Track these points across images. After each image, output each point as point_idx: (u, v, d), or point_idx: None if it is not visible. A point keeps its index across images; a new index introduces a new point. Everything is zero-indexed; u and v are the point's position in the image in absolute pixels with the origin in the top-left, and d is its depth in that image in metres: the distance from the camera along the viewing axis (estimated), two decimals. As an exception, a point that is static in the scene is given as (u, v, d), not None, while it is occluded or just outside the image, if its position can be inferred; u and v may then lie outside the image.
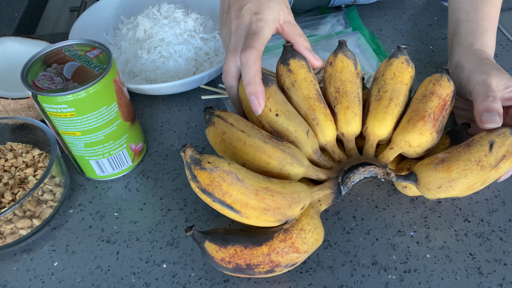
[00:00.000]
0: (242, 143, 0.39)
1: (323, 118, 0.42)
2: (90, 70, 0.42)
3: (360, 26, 0.66)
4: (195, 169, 0.35)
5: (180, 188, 0.48)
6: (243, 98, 0.44)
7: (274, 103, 0.42)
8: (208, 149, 0.51)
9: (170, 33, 0.58)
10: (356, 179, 0.39)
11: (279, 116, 0.41)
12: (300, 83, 0.44)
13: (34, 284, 0.40)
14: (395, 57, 0.46)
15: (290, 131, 0.41)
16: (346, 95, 0.44)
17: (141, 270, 0.41)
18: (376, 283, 0.39)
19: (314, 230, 0.37)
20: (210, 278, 0.40)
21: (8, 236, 0.42)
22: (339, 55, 0.46)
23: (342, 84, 0.44)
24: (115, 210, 0.46)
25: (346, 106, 0.43)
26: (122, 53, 0.59)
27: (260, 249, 0.36)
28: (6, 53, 0.56)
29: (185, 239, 0.43)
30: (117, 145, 0.46)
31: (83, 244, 0.43)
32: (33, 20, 0.87)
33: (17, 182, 0.46)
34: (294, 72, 0.44)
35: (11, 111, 0.50)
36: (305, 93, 0.43)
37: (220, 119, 0.42)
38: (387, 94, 0.44)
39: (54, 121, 0.42)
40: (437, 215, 0.44)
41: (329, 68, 0.46)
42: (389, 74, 0.45)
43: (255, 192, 0.35)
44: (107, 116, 0.43)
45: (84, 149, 0.44)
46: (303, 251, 0.37)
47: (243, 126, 0.41)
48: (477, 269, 0.40)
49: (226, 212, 0.36)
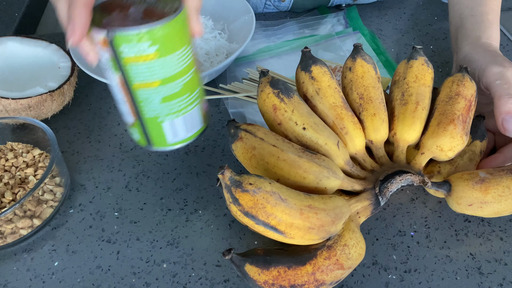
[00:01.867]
0: (275, 159, 0.38)
1: (352, 126, 0.41)
2: (160, 10, 0.35)
3: (360, 26, 0.66)
4: (236, 191, 0.33)
5: (181, 188, 0.48)
6: (264, 111, 0.42)
7: (300, 116, 0.40)
8: (208, 149, 0.51)
9: None
10: (394, 188, 0.38)
11: (306, 130, 0.40)
12: (325, 90, 0.42)
13: (34, 284, 0.40)
14: (414, 58, 0.45)
15: (320, 144, 0.40)
16: (371, 101, 0.43)
17: (142, 270, 0.41)
18: (376, 283, 0.39)
19: (357, 244, 0.36)
20: (211, 278, 0.40)
21: (9, 236, 0.42)
22: (358, 59, 0.45)
23: (366, 90, 0.43)
24: (116, 210, 0.46)
25: (373, 113, 0.42)
26: None
27: (304, 268, 0.35)
28: (6, 53, 0.56)
29: (185, 239, 0.43)
30: (192, 99, 0.39)
31: (83, 244, 0.43)
32: (34, 20, 0.87)
33: (18, 182, 0.46)
34: (317, 79, 0.43)
35: (12, 111, 0.50)
36: (331, 101, 0.42)
37: (248, 134, 0.40)
38: (412, 98, 0.43)
39: (130, 70, 0.35)
40: (438, 215, 0.44)
41: (349, 73, 0.45)
42: (411, 76, 0.44)
43: (300, 212, 0.34)
44: (186, 59, 0.37)
45: (159, 106, 0.38)
46: (347, 267, 0.36)
47: (273, 140, 0.39)
48: (477, 269, 0.40)
49: (269, 234, 0.34)
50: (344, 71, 0.46)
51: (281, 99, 0.41)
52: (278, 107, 0.41)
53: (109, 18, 0.34)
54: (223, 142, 0.52)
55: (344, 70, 0.46)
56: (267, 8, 0.71)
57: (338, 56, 0.61)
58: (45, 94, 0.51)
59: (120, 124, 0.55)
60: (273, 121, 0.41)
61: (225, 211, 0.45)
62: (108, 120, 0.55)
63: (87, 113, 0.57)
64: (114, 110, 0.57)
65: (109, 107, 0.57)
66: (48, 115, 0.53)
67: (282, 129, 0.41)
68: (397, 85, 0.45)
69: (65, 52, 0.57)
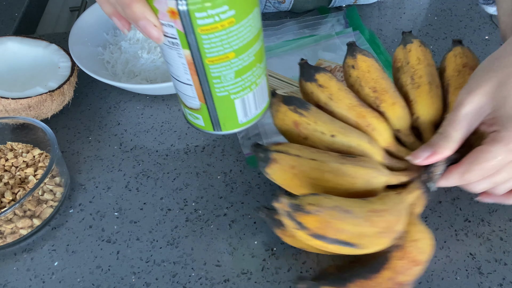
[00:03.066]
0: (319, 172, 0.37)
1: (376, 121, 0.41)
2: None
3: (360, 26, 0.66)
4: (299, 216, 0.32)
5: (180, 188, 0.48)
6: (285, 130, 0.41)
7: (324, 125, 0.40)
8: (208, 149, 0.51)
9: None
10: (440, 170, 0.38)
11: (335, 137, 0.39)
12: (338, 94, 0.42)
13: (34, 283, 0.40)
14: (409, 42, 0.45)
15: (354, 146, 0.39)
16: (386, 91, 0.43)
17: (141, 270, 0.41)
18: (376, 283, 0.39)
19: (425, 236, 0.36)
20: (210, 278, 0.40)
21: (9, 235, 0.42)
22: (358, 55, 0.44)
23: (377, 83, 0.43)
24: (116, 210, 0.46)
25: (392, 102, 0.42)
26: (122, 53, 0.59)
27: (381, 275, 0.33)
28: (6, 53, 0.56)
29: (185, 239, 0.43)
30: (261, 70, 0.36)
31: (83, 243, 0.43)
32: (33, 20, 0.87)
33: (18, 182, 0.46)
34: (325, 86, 0.42)
35: (12, 111, 0.50)
36: (347, 103, 0.42)
37: (282, 154, 0.38)
38: (423, 79, 0.43)
39: (203, 43, 0.31)
40: (437, 215, 0.44)
41: (353, 71, 0.44)
42: (414, 60, 0.44)
43: (366, 219, 0.33)
44: (255, 24, 0.33)
45: (233, 82, 0.34)
46: (423, 262, 0.35)
47: (310, 154, 0.38)
48: (477, 269, 0.40)
49: (342, 251, 0.33)
50: (347, 70, 0.45)
51: (300, 114, 0.40)
52: (299, 122, 0.40)
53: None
54: (223, 142, 0.52)
55: (346, 69, 0.45)
56: (267, 8, 0.71)
57: (338, 56, 0.61)
58: (45, 94, 0.51)
59: (120, 124, 0.55)
60: (297, 136, 0.40)
61: (225, 211, 0.45)
62: (108, 120, 0.55)
63: (87, 113, 0.57)
64: (114, 110, 0.57)
65: (109, 107, 0.57)
66: (48, 115, 0.53)
67: (310, 142, 0.40)
68: (402, 71, 0.45)
69: (65, 52, 0.57)
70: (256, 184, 0.47)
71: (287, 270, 0.40)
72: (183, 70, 0.33)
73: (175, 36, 0.30)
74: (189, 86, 0.34)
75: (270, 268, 0.41)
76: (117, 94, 0.59)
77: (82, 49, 0.58)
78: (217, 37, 0.30)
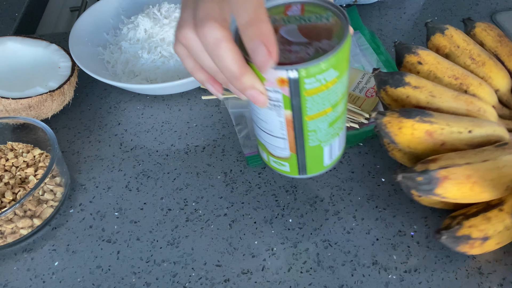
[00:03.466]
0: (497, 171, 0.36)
1: (482, 103, 0.41)
2: (314, 24, 0.32)
3: (360, 26, 0.66)
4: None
5: (181, 188, 0.48)
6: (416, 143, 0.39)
7: (455, 123, 0.39)
8: (208, 149, 0.51)
9: (171, 33, 0.58)
10: None
11: (473, 131, 0.39)
12: (436, 89, 0.41)
13: (34, 283, 0.40)
14: (445, 29, 0.47)
15: (491, 134, 0.39)
16: (466, 75, 0.44)
17: (142, 270, 0.41)
18: (377, 283, 0.39)
19: None
20: (211, 278, 0.40)
21: (9, 235, 0.42)
22: (419, 51, 0.44)
23: (453, 70, 0.44)
24: (116, 210, 0.46)
25: (478, 83, 0.43)
26: (122, 53, 0.59)
27: None
28: (6, 53, 0.56)
29: (185, 239, 0.43)
30: (345, 116, 0.37)
31: (83, 243, 0.43)
32: (33, 20, 0.87)
33: (18, 182, 0.46)
34: (420, 85, 0.41)
35: (12, 111, 0.50)
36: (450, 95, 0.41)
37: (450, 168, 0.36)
38: (483, 57, 0.45)
39: (306, 104, 0.31)
40: (437, 215, 0.44)
41: (422, 66, 0.44)
42: (461, 42, 0.46)
43: None
44: (348, 77, 0.34)
45: (326, 131, 0.35)
46: None
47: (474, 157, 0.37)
48: (477, 269, 0.40)
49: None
50: (412, 68, 0.45)
51: (429, 122, 0.38)
52: (432, 130, 0.38)
53: None
54: (223, 142, 0.52)
55: (410, 67, 0.45)
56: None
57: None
58: (45, 94, 0.51)
59: (120, 124, 0.55)
60: (433, 145, 0.39)
61: (225, 211, 0.45)
62: (108, 120, 0.55)
63: (87, 113, 0.57)
64: (114, 110, 0.57)
65: (109, 107, 0.57)
66: (48, 115, 0.53)
67: (449, 147, 0.39)
68: (455, 55, 0.46)
69: (65, 52, 0.57)
70: (256, 184, 0.47)
71: (287, 270, 0.40)
72: (279, 127, 0.34)
73: (279, 100, 0.31)
74: (282, 139, 0.35)
75: (270, 268, 0.41)
76: (117, 94, 0.59)
77: (82, 49, 0.58)
78: (320, 97, 0.31)
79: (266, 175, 0.48)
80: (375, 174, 0.48)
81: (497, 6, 0.69)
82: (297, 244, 0.42)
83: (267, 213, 0.45)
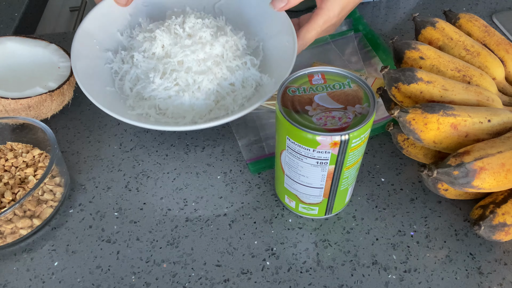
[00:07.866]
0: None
1: (490, 93, 0.42)
2: (341, 91, 0.37)
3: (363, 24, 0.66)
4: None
5: (180, 187, 0.48)
6: (442, 138, 0.40)
7: (475, 114, 0.39)
8: (208, 149, 0.51)
9: (192, 58, 0.48)
10: None
11: (492, 120, 0.39)
12: (448, 82, 0.41)
13: (34, 284, 0.40)
14: (436, 22, 0.48)
15: (506, 121, 0.40)
16: (467, 66, 0.44)
17: (141, 270, 0.41)
18: (376, 282, 0.39)
19: None
20: (210, 278, 0.40)
21: (8, 235, 0.42)
22: (419, 46, 0.45)
23: (454, 63, 0.44)
24: (115, 210, 0.46)
25: (479, 74, 0.44)
26: (133, 67, 0.50)
27: None
28: (6, 53, 0.56)
29: (185, 239, 0.43)
30: None
31: (83, 244, 0.43)
32: (33, 20, 0.87)
33: (17, 182, 0.46)
34: (432, 80, 0.41)
35: (11, 111, 0.50)
36: (461, 87, 0.42)
37: (484, 158, 0.37)
38: (476, 47, 0.46)
39: (348, 158, 0.36)
40: (437, 215, 0.44)
41: (425, 61, 0.44)
42: (453, 34, 0.47)
43: None
44: None
45: (354, 176, 0.40)
46: None
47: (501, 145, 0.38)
48: (477, 269, 0.40)
49: None
50: (414, 63, 0.45)
51: (452, 115, 0.39)
52: (457, 122, 0.39)
53: (316, 117, 0.35)
54: (223, 142, 0.52)
55: (412, 63, 0.45)
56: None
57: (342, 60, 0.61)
58: (44, 94, 0.51)
59: (120, 124, 0.55)
60: (458, 138, 0.39)
61: (225, 211, 0.45)
62: (108, 120, 0.55)
63: (87, 113, 0.57)
64: (114, 110, 0.57)
65: (109, 107, 0.57)
66: (48, 115, 0.53)
67: (472, 138, 0.39)
68: (449, 47, 0.47)
69: (64, 52, 0.57)
70: (256, 184, 0.47)
71: (287, 270, 0.40)
72: (320, 179, 0.38)
73: (328, 158, 0.36)
74: (319, 189, 0.39)
75: (270, 268, 0.41)
76: (117, 94, 0.59)
77: (86, 62, 0.50)
78: (358, 150, 0.37)
79: (266, 175, 0.48)
80: (375, 174, 0.48)
81: (497, 6, 0.69)
82: (297, 244, 0.42)
83: (267, 213, 0.45)
